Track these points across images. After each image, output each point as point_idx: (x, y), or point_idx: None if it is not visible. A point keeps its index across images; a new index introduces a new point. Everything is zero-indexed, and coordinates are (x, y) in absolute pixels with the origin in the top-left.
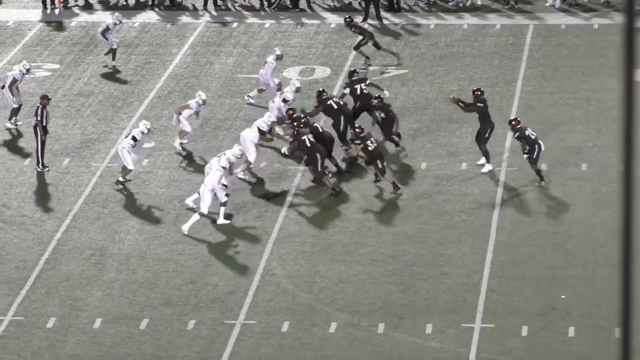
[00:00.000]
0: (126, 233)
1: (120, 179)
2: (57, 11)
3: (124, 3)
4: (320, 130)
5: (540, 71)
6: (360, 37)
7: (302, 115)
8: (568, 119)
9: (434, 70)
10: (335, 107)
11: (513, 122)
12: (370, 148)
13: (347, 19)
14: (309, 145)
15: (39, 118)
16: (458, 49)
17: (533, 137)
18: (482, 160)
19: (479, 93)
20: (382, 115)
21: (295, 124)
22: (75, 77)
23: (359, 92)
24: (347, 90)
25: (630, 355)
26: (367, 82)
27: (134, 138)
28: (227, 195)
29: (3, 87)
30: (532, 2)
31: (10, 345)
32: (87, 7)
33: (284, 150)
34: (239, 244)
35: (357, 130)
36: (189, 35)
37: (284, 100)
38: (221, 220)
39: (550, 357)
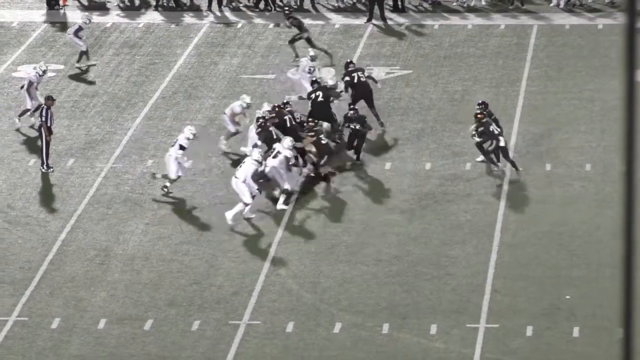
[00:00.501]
0: (130, 234)
1: (167, 184)
2: (61, 12)
3: (128, 3)
4: (288, 125)
5: (544, 71)
6: (296, 32)
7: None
8: (572, 119)
9: (438, 71)
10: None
11: (479, 116)
12: (322, 142)
13: (287, 11)
14: (274, 137)
15: (43, 119)
16: (462, 50)
17: (497, 132)
18: (482, 157)
19: (483, 106)
20: (357, 126)
21: (270, 115)
22: (80, 78)
23: (356, 80)
24: (347, 78)
25: (632, 355)
26: (365, 72)
27: (181, 147)
28: (254, 194)
29: (22, 87)
30: (536, 2)
31: (14, 346)
32: (91, 8)
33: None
34: (243, 244)
35: (310, 123)
36: (193, 36)
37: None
38: (229, 216)
39: (555, 357)
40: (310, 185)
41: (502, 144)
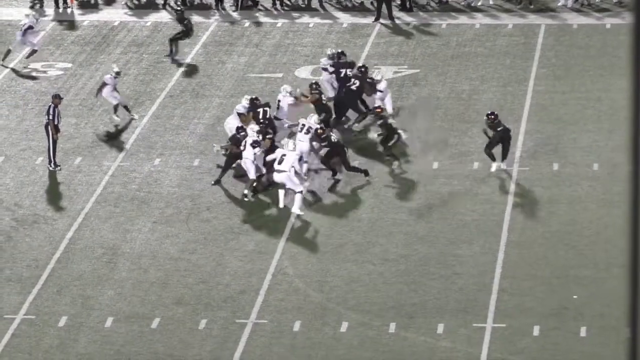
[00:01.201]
0: (138, 232)
1: (246, 191)
2: (69, 10)
3: (136, 2)
4: (261, 119)
5: (552, 71)
6: (180, 29)
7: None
8: (580, 119)
9: (446, 70)
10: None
11: (377, 110)
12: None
13: (178, 10)
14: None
15: (50, 117)
16: (470, 49)
17: (395, 125)
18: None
19: (493, 117)
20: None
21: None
22: (87, 76)
23: (342, 75)
24: (333, 69)
25: (639, 355)
26: (354, 69)
27: (253, 146)
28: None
29: (99, 91)
30: (544, 1)
31: (22, 344)
32: (97, 7)
33: None
34: (250, 243)
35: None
36: (200, 35)
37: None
38: (296, 209)
39: (562, 357)
40: (318, 184)
41: (404, 137)
